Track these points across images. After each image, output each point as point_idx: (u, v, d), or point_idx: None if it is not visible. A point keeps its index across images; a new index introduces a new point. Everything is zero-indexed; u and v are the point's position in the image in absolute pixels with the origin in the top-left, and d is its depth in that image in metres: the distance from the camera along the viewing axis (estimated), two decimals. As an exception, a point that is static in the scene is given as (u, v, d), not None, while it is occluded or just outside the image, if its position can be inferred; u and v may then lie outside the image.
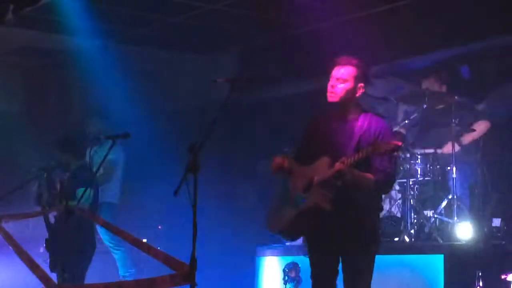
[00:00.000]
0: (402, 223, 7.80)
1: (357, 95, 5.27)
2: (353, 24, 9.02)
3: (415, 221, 7.78)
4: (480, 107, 8.63)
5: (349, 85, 5.23)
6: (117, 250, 8.77)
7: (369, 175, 5.03)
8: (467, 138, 8.07)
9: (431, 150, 8.00)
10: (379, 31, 8.76)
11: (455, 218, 7.61)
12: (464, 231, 7.49)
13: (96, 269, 7.48)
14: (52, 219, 7.39)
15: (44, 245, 7.19)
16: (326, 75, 5.35)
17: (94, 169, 7.45)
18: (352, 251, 5.15)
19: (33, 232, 9.09)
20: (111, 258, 8.85)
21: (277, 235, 5.50)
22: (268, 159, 5.37)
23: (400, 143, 4.86)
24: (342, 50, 8.73)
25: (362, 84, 5.28)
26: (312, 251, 5.31)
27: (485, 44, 8.40)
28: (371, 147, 4.90)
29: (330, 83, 5.26)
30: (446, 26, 8.39)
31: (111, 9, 9.08)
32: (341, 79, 5.23)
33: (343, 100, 5.23)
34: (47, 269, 6.55)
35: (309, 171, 5.18)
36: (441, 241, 7.48)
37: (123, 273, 8.83)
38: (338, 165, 4.96)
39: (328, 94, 5.26)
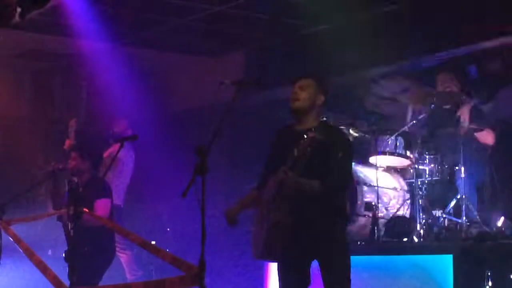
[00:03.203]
0: (411, 223, 7.79)
1: (317, 104, 5.34)
2: (361, 23, 9.01)
3: (424, 221, 7.77)
4: (488, 106, 8.61)
5: (308, 93, 5.33)
6: (123, 253, 8.78)
7: (313, 181, 5.09)
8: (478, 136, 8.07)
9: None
10: (387, 30, 8.75)
11: (464, 218, 7.60)
12: (473, 230, 7.48)
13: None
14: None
15: (63, 255, 7.13)
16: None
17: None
18: (323, 260, 5.24)
19: (42, 235, 9.11)
20: (118, 261, 8.85)
21: (261, 260, 5.55)
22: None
23: (311, 135, 4.92)
24: (350, 51, 8.83)
25: (322, 95, 5.36)
26: (283, 265, 5.36)
27: (493, 43, 8.38)
28: (297, 150, 4.98)
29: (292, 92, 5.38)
30: (453, 26, 8.37)
31: (117, 11, 9.09)
32: (303, 86, 5.34)
33: (304, 107, 5.32)
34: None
35: (266, 191, 5.26)
36: (450, 241, 7.46)
37: (130, 275, 8.85)
38: (279, 175, 5.04)
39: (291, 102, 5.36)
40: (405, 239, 7.70)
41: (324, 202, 5.19)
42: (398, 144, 8.30)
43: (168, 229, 10.34)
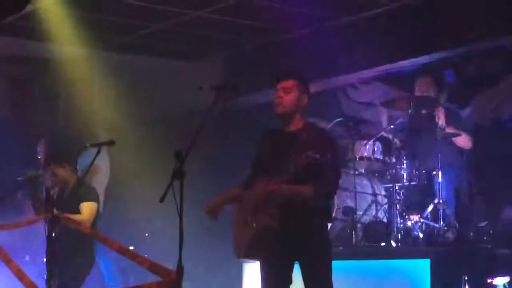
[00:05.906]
0: (389, 228, 7.81)
1: (302, 105, 5.37)
2: (340, 29, 9.05)
3: (401, 225, 7.79)
4: (465, 112, 8.66)
5: (292, 96, 5.34)
6: (102, 259, 8.73)
7: (304, 188, 5.10)
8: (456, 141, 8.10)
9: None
10: (365, 36, 8.79)
11: (441, 222, 7.63)
12: (450, 235, 7.52)
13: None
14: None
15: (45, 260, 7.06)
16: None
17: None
18: (307, 261, 5.27)
19: (20, 240, 9.03)
20: (97, 266, 8.80)
21: (243, 259, 5.56)
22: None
23: (313, 157, 4.90)
24: (328, 56, 8.86)
25: (305, 95, 5.38)
26: (267, 264, 5.37)
27: (469, 48, 8.43)
28: (294, 162, 4.98)
29: (275, 95, 5.37)
30: (430, 31, 8.43)
31: (95, 16, 9.07)
32: (287, 88, 5.34)
33: (289, 111, 5.33)
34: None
35: (253, 194, 5.27)
36: (428, 246, 7.49)
37: (109, 281, 8.80)
38: (270, 187, 5.06)
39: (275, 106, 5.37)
40: (382, 244, 7.72)
41: (314, 205, 5.20)
42: (376, 149, 8.33)
43: (147, 234, 10.31)
